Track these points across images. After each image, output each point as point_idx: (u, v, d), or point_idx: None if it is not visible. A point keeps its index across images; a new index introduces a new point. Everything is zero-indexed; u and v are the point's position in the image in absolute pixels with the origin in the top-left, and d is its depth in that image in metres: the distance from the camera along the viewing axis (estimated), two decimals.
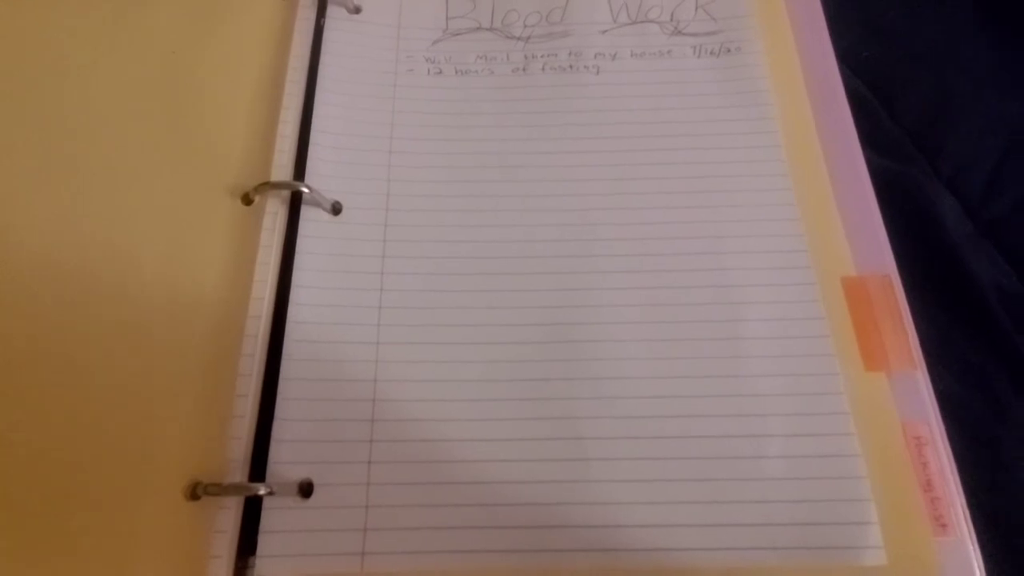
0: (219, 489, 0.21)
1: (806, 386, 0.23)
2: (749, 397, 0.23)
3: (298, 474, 0.22)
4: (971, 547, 0.21)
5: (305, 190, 0.26)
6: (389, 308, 0.25)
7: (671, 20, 0.32)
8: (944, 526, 0.21)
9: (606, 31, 0.32)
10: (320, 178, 0.27)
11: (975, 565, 0.21)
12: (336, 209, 0.27)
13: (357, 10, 0.32)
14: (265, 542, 0.21)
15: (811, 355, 0.24)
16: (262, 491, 0.21)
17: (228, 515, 0.21)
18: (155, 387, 0.23)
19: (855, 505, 0.22)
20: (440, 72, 0.31)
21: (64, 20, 0.30)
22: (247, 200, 0.26)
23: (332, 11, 0.31)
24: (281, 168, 0.27)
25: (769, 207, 0.27)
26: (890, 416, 0.23)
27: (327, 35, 0.30)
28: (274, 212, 0.26)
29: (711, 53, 0.31)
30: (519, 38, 0.32)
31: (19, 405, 0.22)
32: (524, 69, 0.31)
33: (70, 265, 0.25)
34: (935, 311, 0.26)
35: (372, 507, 0.22)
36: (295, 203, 0.26)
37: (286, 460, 0.22)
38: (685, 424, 0.23)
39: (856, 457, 0.22)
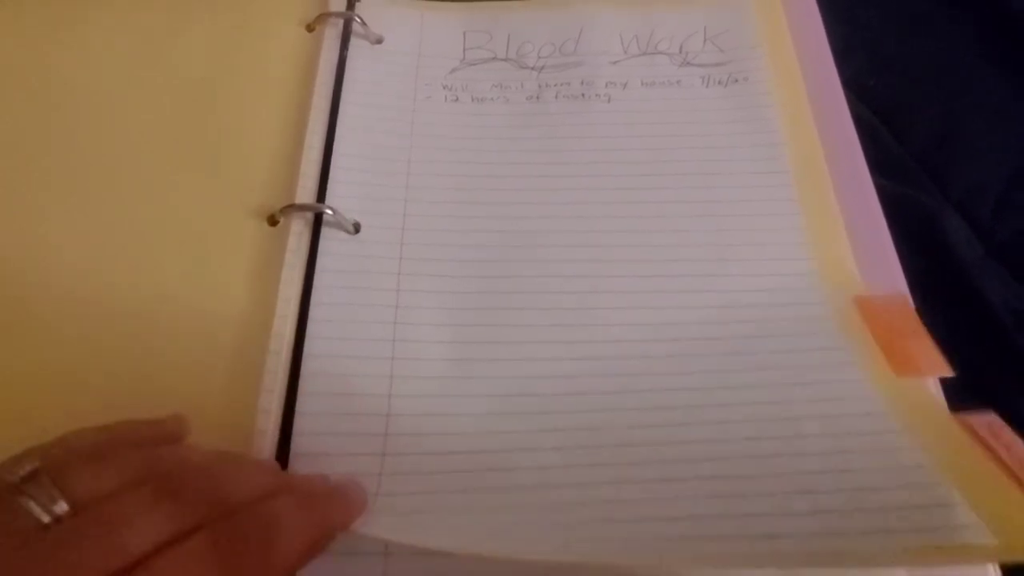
0: None
1: (831, 392, 0.23)
2: (777, 404, 0.23)
3: None
4: None
5: (328, 212, 0.27)
6: (404, 324, 0.25)
7: (680, 52, 0.33)
8: None
9: (617, 62, 0.33)
10: (341, 200, 0.28)
11: None
12: (356, 229, 0.28)
13: (379, 40, 0.33)
14: None
15: (831, 365, 0.24)
16: None
17: None
18: (180, 401, 0.23)
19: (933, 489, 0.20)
20: (457, 99, 0.32)
21: (96, 49, 0.32)
22: (272, 221, 0.27)
23: (355, 42, 0.32)
24: (305, 191, 0.28)
25: (778, 231, 0.27)
26: (936, 404, 0.23)
27: (350, 64, 0.31)
28: (298, 233, 0.27)
29: (719, 83, 0.32)
30: (533, 68, 0.33)
31: (48, 427, 0.23)
32: (538, 97, 0.32)
33: (99, 285, 0.26)
34: (949, 334, 0.26)
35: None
36: (316, 224, 0.27)
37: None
38: (716, 441, 0.23)
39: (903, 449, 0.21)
